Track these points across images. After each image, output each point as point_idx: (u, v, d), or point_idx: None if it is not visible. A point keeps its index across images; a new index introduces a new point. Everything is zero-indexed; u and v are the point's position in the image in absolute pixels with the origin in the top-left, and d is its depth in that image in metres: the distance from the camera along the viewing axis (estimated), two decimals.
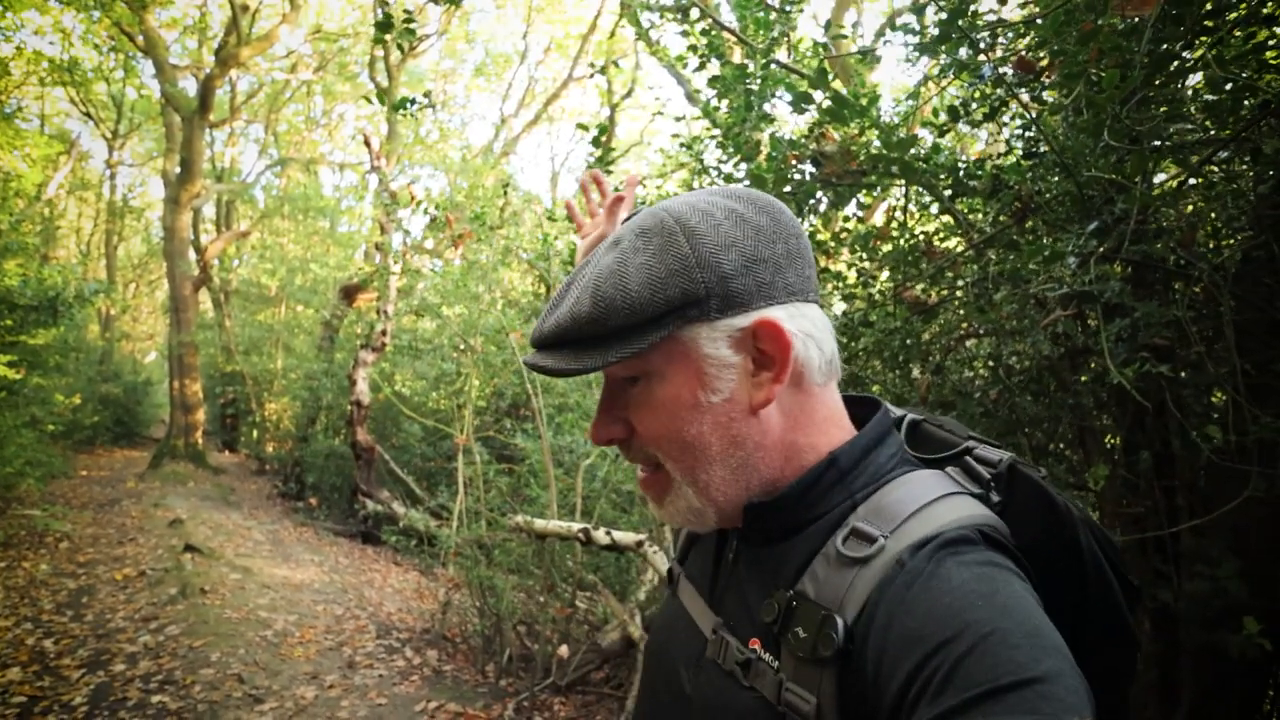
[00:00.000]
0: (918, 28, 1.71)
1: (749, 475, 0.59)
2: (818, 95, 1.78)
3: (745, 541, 0.63)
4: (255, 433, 12.84)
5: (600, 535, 3.49)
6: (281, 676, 3.69)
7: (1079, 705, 0.40)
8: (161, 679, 3.51)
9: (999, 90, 1.55)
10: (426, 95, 2.49)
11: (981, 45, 1.45)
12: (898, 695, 0.45)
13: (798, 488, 0.58)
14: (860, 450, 0.59)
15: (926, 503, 0.54)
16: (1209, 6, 1.33)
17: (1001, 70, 1.45)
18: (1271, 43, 1.53)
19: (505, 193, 7.17)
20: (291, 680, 3.66)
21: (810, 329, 0.58)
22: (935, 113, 2.12)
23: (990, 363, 2.21)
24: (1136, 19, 1.22)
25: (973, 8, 1.39)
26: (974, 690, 0.41)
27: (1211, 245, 1.71)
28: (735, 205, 0.58)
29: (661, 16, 2.70)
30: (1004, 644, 0.43)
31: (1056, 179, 1.62)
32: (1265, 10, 1.48)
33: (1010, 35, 1.60)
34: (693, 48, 2.49)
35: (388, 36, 2.03)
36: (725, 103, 2.45)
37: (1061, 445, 2.21)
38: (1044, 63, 1.55)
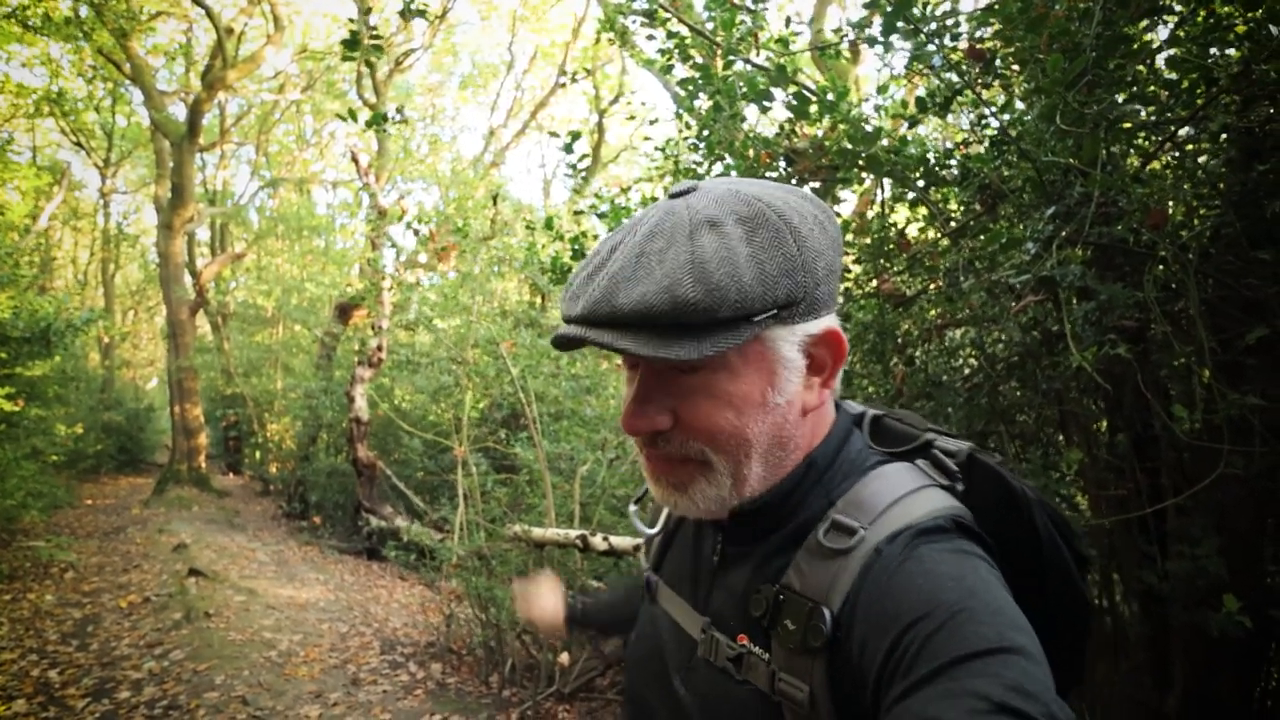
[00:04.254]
0: (868, 24, 1.72)
1: (779, 471, 0.60)
2: (779, 93, 1.78)
3: (731, 541, 0.65)
4: (258, 454, 12.86)
5: (598, 541, 3.49)
6: (286, 697, 3.69)
7: (1038, 673, 0.43)
8: (166, 704, 3.51)
9: (956, 79, 1.55)
10: (399, 111, 2.50)
11: (936, 37, 1.45)
12: (878, 673, 0.48)
13: (781, 491, 0.60)
14: (833, 451, 0.62)
15: (901, 495, 0.57)
16: None
17: (954, 60, 1.46)
18: (1236, 19, 1.53)
19: (495, 203, 7.19)
20: (296, 700, 3.66)
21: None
22: (903, 104, 2.12)
23: (976, 351, 2.21)
24: (1085, 4, 1.22)
25: (921, 0, 1.40)
26: (941, 660, 0.44)
27: (1184, 224, 1.71)
28: (817, 211, 0.58)
29: (635, 21, 2.71)
30: (971, 620, 0.46)
31: (1023, 165, 1.63)
32: None
33: (966, 25, 1.60)
34: (663, 51, 2.50)
35: (355, 54, 2.04)
36: (698, 103, 2.46)
37: (1050, 430, 2.21)
38: (1003, 50, 1.56)
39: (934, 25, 1.44)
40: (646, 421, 0.57)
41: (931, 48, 1.48)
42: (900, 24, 1.37)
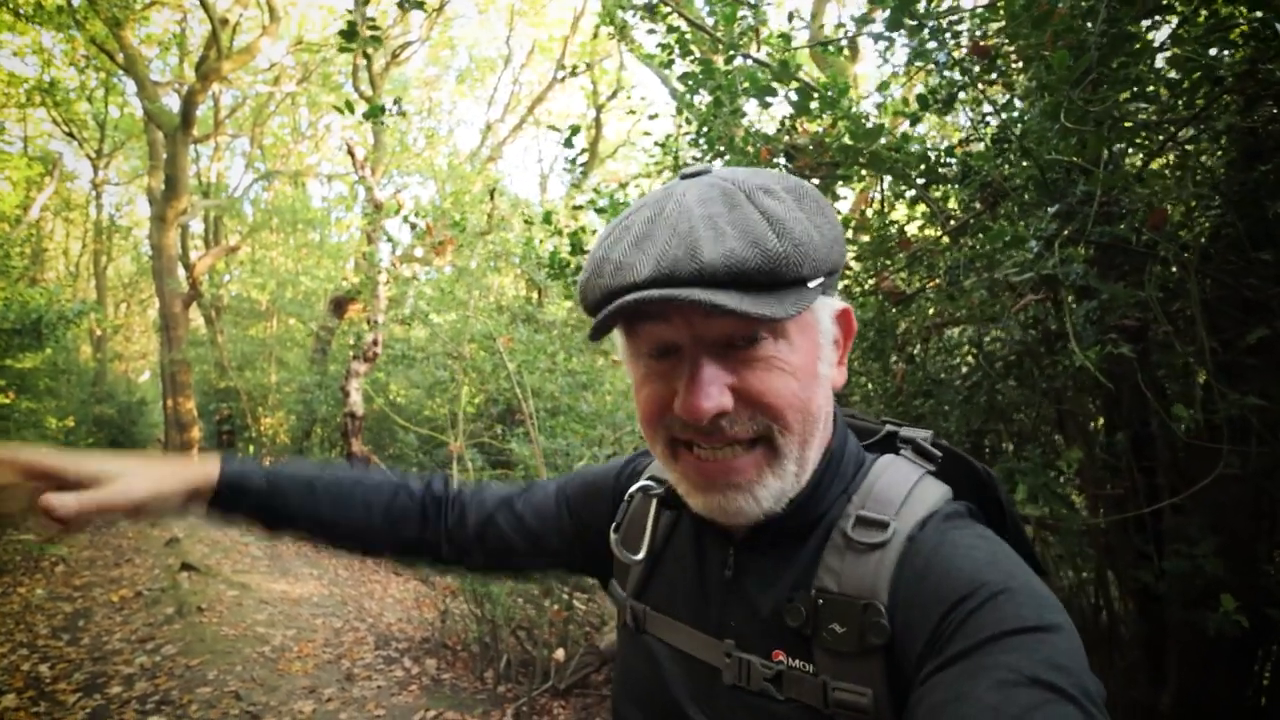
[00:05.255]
0: (874, 19, 1.71)
1: (817, 457, 0.58)
2: (781, 89, 1.77)
3: (746, 550, 0.61)
4: (252, 448, 12.79)
5: None
6: (279, 692, 3.67)
7: (1073, 649, 0.45)
8: (158, 699, 3.49)
9: (961, 77, 1.55)
10: (397, 103, 2.48)
11: (941, 33, 1.45)
12: (921, 652, 0.49)
13: (810, 486, 0.58)
14: (842, 443, 0.62)
15: (912, 485, 0.58)
16: None
17: (958, 57, 1.45)
18: (1238, 19, 1.53)
19: (492, 198, 7.16)
20: (289, 695, 3.64)
21: None
22: (905, 102, 2.12)
23: (974, 350, 2.21)
24: (1089, 2, 1.22)
25: None
26: (980, 636, 0.45)
27: (1184, 224, 1.71)
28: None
29: (635, 15, 2.69)
30: (1012, 601, 0.47)
31: (1025, 164, 1.62)
32: None
33: (970, 21, 1.60)
34: (663, 46, 2.49)
35: (352, 46, 2.02)
36: (698, 99, 2.45)
37: (1048, 429, 2.21)
38: (1007, 47, 1.55)
39: (937, 22, 1.44)
40: (718, 402, 0.52)
41: (934, 44, 1.47)
42: (906, 20, 1.36)
